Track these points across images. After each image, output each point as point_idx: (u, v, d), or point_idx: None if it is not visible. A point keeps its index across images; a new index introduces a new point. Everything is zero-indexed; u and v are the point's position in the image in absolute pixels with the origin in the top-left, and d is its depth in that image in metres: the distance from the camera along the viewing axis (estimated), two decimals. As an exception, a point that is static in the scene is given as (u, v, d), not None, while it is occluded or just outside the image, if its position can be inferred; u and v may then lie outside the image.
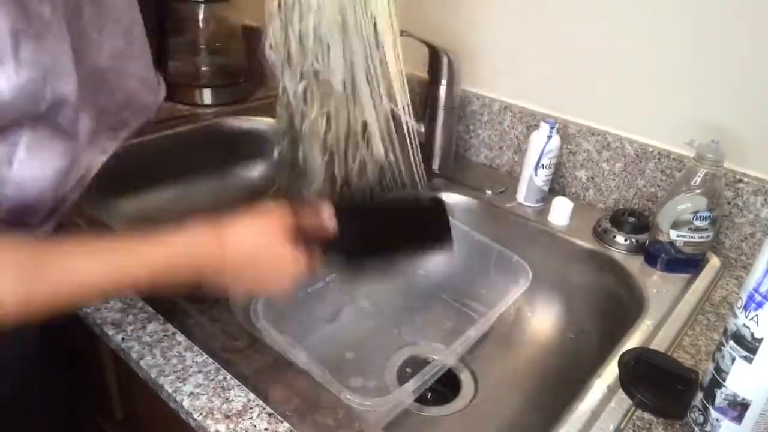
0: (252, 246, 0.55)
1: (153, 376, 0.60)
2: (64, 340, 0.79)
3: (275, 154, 0.70)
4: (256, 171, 1.22)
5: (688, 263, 0.81)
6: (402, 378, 0.81)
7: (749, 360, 0.49)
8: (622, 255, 0.84)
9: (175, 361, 0.62)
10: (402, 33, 0.92)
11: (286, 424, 0.56)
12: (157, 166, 1.09)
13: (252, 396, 0.58)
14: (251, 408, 0.57)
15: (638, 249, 0.84)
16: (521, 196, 0.95)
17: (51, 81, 0.47)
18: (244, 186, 1.21)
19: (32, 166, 0.51)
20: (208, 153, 1.18)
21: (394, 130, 0.66)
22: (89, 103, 0.52)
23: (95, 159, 0.60)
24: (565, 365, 0.83)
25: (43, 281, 0.46)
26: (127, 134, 0.63)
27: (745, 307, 0.49)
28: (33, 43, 0.44)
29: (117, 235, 0.52)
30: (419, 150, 0.70)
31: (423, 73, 1.01)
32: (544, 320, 0.90)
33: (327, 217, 0.57)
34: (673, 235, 0.78)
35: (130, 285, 0.52)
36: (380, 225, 0.59)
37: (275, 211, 0.56)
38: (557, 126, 0.90)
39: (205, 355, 0.63)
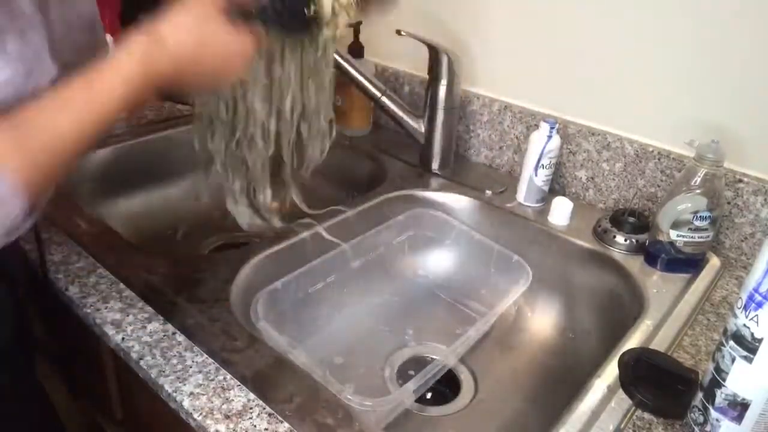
0: (192, 34, 0.53)
1: (153, 376, 0.60)
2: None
3: None
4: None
5: (688, 263, 0.81)
6: (402, 378, 0.81)
7: (749, 360, 0.49)
8: (622, 255, 0.84)
9: (175, 361, 0.62)
10: (402, 33, 0.93)
11: (286, 424, 0.56)
12: (157, 166, 1.09)
13: (252, 396, 0.58)
14: (251, 408, 0.57)
15: (638, 249, 0.84)
16: (521, 196, 0.95)
17: (34, 75, 0.47)
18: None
19: None
20: (208, 153, 1.18)
21: None
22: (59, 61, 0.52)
23: None
24: (565, 365, 0.83)
25: (36, 147, 0.46)
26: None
27: (745, 307, 0.49)
28: (18, 38, 0.44)
29: (74, 81, 0.49)
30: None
31: (423, 73, 1.01)
32: (544, 320, 0.90)
33: None
34: (673, 235, 0.78)
35: (107, 120, 0.50)
36: None
37: None
38: (557, 126, 0.90)
39: (205, 355, 0.63)
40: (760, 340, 0.48)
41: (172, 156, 1.10)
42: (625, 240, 0.84)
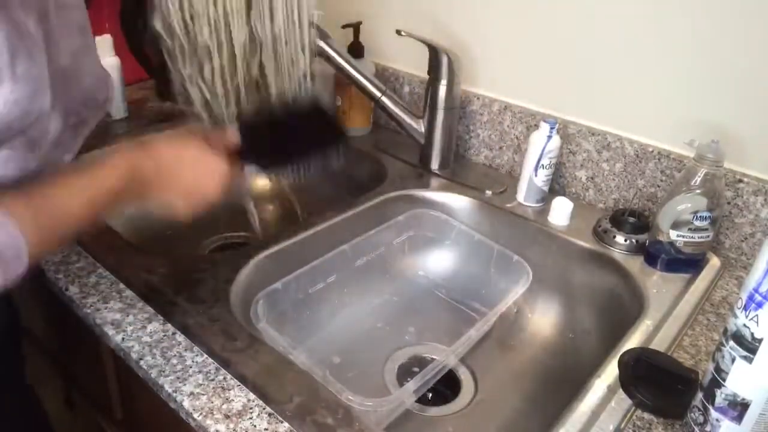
0: (176, 149, 0.61)
1: (153, 376, 0.60)
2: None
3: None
4: (255, 171, 1.22)
5: (688, 263, 0.81)
6: (402, 378, 0.81)
7: (749, 360, 0.49)
8: (622, 255, 0.84)
9: (175, 361, 0.62)
10: (402, 33, 0.93)
11: (286, 424, 0.56)
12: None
13: (252, 396, 0.58)
14: (251, 408, 0.57)
15: (638, 249, 0.84)
16: (521, 196, 0.95)
17: (38, 95, 0.48)
18: (244, 186, 1.21)
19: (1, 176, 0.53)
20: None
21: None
22: (57, 103, 0.54)
23: (61, 159, 0.62)
24: (565, 365, 0.83)
25: (45, 225, 0.50)
26: (87, 132, 0.66)
27: (745, 307, 0.49)
28: (26, 59, 0.45)
29: (83, 172, 0.55)
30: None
31: (423, 73, 1.01)
32: (544, 320, 0.90)
33: (230, 134, 0.65)
34: (673, 235, 0.78)
35: (104, 208, 0.56)
36: (275, 131, 0.68)
37: (189, 128, 0.65)
38: (557, 126, 0.90)
39: (205, 355, 0.63)
40: (760, 340, 0.48)
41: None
42: (625, 240, 0.84)
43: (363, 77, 0.99)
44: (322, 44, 0.93)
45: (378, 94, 1.00)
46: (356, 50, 1.11)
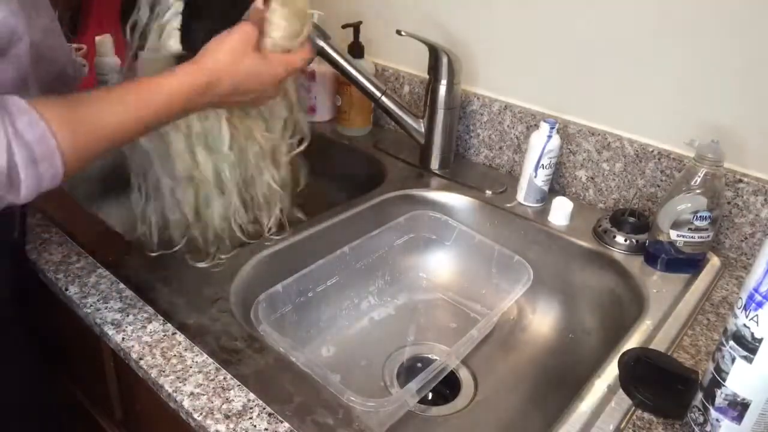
0: (227, 54, 0.63)
1: (153, 376, 0.60)
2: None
3: None
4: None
5: (688, 263, 0.81)
6: (404, 379, 0.81)
7: (749, 360, 0.49)
8: (622, 255, 0.84)
9: (175, 361, 0.62)
10: (402, 33, 0.93)
11: (286, 424, 0.56)
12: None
13: (252, 396, 0.58)
14: (251, 408, 0.57)
15: (638, 249, 0.84)
16: (521, 196, 0.95)
17: (21, 24, 0.53)
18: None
19: None
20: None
21: None
22: (32, 76, 0.57)
23: None
24: (565, 365, 0.83)
25: (86, 130, 0.53)
26: None
27: (745, 307, 0.49)
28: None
29: (128, 85, 0.59)
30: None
31: (423, 73, 1.01)
32: (544, 320, 0.90)
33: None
34: (673, 235, 0.78)
35: (150, 121, 0.59)
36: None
37: (236, 29, 0.65)
38: (557, 126, 0.90)
39: (205, 355, 0.63)
40: (760, 340, 0.48)
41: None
42: (625, 240, 0.84)
43: (363, 77, 0.99)
44: (322, 44, 0.93)
45: (378, 94, 1.00)
46: (356, 50, 1.11)
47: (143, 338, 0.64)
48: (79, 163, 0.53)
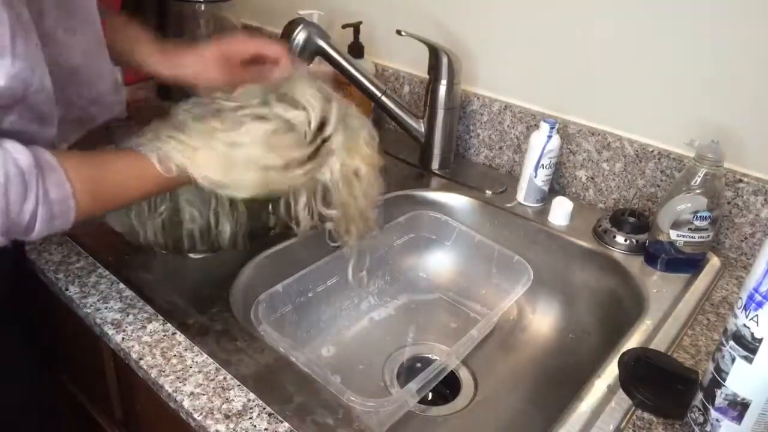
0: None
1: (153, 376, 0.60)
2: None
3: None
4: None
5: (688, 263, 0.81)
6: (403, 379, 0.81)
7: (749, 360, 0.49)
8: (622, 255, 0.84)
9: (175, 361, 0.62)
10: (402, 33, 0.93)
11: (286, 424, 0.56)
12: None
13: (252, 396, 0.58)
14: (251, 408, 0.57)
15: (638, 249, 0.84)
16: (521, 196, 0.95)
17: (37, 71, 0.53)
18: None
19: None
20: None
21: None
22: (60, 94, 0.58)
23: (58, 146, 0.64)
24: (565, 365, 0.83)
25: (104, 198, 0.57)
26: (92, 127, 0.69)
27: (745, 307, 0.49)
28: (23, 40, 0.50)
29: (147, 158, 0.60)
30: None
31: (423, 73, 1.01)
32: (544, 320, 0.90)
33: None
34: (673, 235, 0.78)
35: (154, 192, 0.63)
36: None
37: None
38: (557, 126, 0.90)
39: (205, 355, 0.63)
40: (760, 340, 0.48)
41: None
42: (625, 240, 0.84)
43: (363, 77, 0.99)
44: (322, 44, 0.93)
45: (378, 93, 1.00)
46: (356, 50, 1.11)
47: (143, 338, 0.64)
48: (85, 219, 0.56)
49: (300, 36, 0.90)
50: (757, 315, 0.48)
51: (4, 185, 0.49)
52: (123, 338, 0.64)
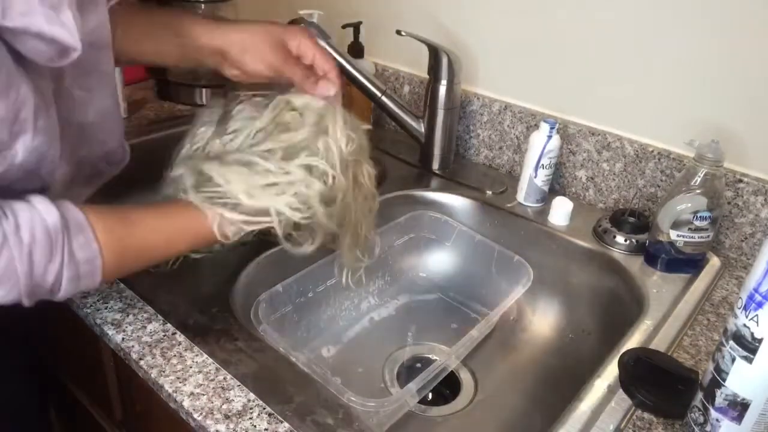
0: None
1: (153, 376, 0.60)
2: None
3: None
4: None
5: (688, 263, 0.81)
6: (403, 379, 0.81)
7: (749, 360, 0.49)
8: (622, 255, 0.84)
9: (175, 361, 0.62)
10: (402, 33, 0.93)
11: (286, 424, 0.56)
12: (157, 166, 1.09)
13: (252, 396, 0.58)
14: (251, 408, 0.57)
15: (638, 249, 0.84)
16: (521, 196, 0.95)
17: (53, 144, 0.52)
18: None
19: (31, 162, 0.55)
20: (208, 153, 1.18)
21: None
22: (69, 154, 0.57)
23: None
24: (565, 365, 0.83)
25: (131, 257, 0.57)
26: (100, 183, 0.68)
27: (745, 307, 0.49)
28: (44, 114, 0.50)
29: (180, 217, 0.60)
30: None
31: (423, 73, 1.01)
32: (544, 320, 0.90)
33: None
34: (673, 235, 0.78)
35: (181, 252, 0.63)
36: None
37: None
38: (557, 126, 0.90)
39: (205, 355, 0.63)
40: (760, 340, 0.48)
41: (172, 156, 1.10)
42: (625, 240, 0.84)
43: (363, 77, 0.99)
44: (322, 44, 0.93)
45: (378, 93, 1.00)
46: (356, 50, 1.11)
47: (143, 338, 0.64)
48: (111, 279, 0.57)
49: None
50: (757, 315, 0.48)
51: (29, 246, 0.48)
52: (123, 338, 0.64)
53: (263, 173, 0.61)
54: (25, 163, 0.50)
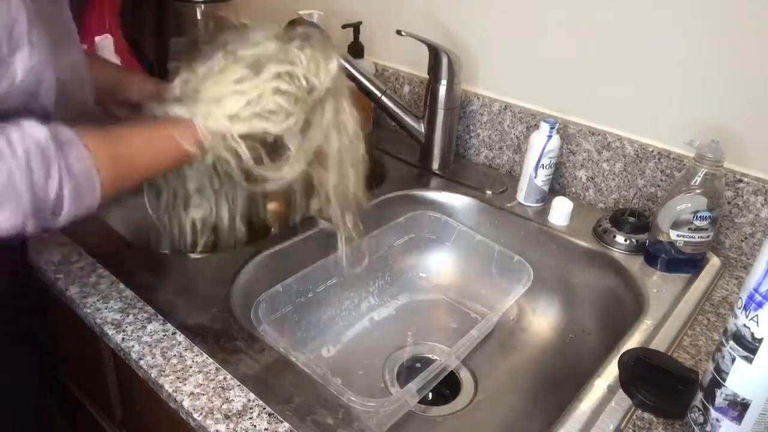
0: None
1: (153, 376, 0.60)
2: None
3: None
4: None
5: (688, 263, 0.81)
6: (403, 379, 0.81)
7: (749, 360, 0.49)
8: (622, 255, 0.84)
9: (175, 361, 0.62)
10: (402, 33, 0.93)
11: (286, 424, 0.56)
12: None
13: (252, 396, 0.58)
14: (251, 408, 0.57)
15: (638, 249, 0.84)
16: (521, 196, 0.95)
17: (48, 65, 0.53)
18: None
19: None
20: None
21: None
22: (58, 110, 0.58)
23: None
24: (565, 365, 0.83)
25: (125, 166, 0.57)
26: None
27: (745, 307, 0.49)
28: (37, 29, 0.51)
29: (161, 129, 0.63)
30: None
31: (423, 73, 1.01)
32: (544, 320, 0.90)
33: None
34: (673, 235, 0.78)
35: (167, 167, 0.65)
36: None
37: None
38: (557, 126, 0.90)
39: (205, 355, 0.63)
40: (760, 340, 0.48)
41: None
42: (625, 240, 0.84)
43: (363, 77, 0.99)
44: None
45: (378, 94, 1.00)
46: (356, 50, 1.11)
47: (143, 338, 0.64)
48: (110, 196, 0.55)
49: None
50: (757, 315, 0.48)
51: (25, 158, 0.48)
52: (123, 338, 0.64)
53: (236, 82, 0.64)
54: (25, 84, 0.51)
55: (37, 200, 0.49)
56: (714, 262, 0.84)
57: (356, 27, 1.10)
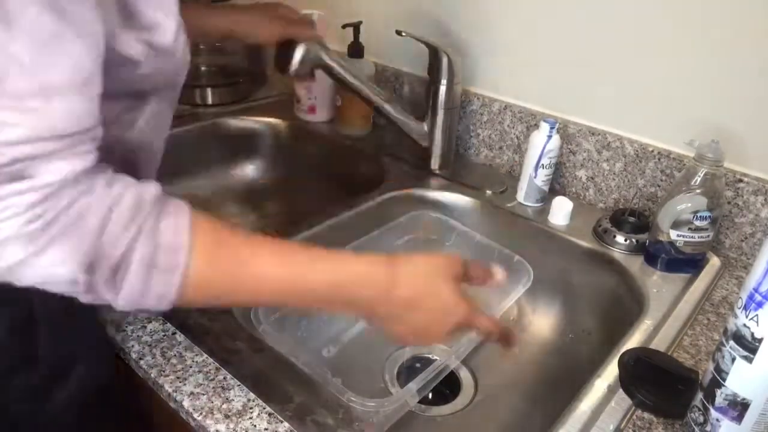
0: (422, 287, 0.53)
1: (153, 376, 0.60)
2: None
3: None
4: (255, 170, 1.22)
5: (688, 263, 0.81)
6: (403, 379, 0.81)
7: (749, 360, 0.49)
8: (622, 255, 0.84)
9: (175, 361, 0.62)
10: (402, 33, 0.93)
11: (286, 424, 0.56)
12: (161, 166, 1.09)
13: (252, 396, 0.58)
14: (251, 408, 0.57)
15: (638, 249, 0.84)
16: (521, 195, 0.95)
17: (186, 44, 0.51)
18: (244, 186, 1.21)
19: (146, 133, 0.55)
20: (208, 152, 1.18)
21: None
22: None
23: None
24: (565, 365, 0.83)
25: (224, 271, 0.45)
26: None
27: (745, 307, 0.49)
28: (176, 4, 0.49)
29: (300, 245, 0.52)
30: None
31: (423, 73, 1.01)
32: (544, 320, 0.90)
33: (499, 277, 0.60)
34: (673, 235, 0.78)
35: (303, 296, 0.50)
36: None
37: (449, 257, 0.56)
38: (557, 126, 0.90)
39: (205, 355, 0.63)
40: (760, 340, 0.48)
41: (171, 156, 1.10)
42: (625, 240, 0.84)
43: (362, 84, 0.97)
44: (322, 55, 0.92)
45: (378, 100, 0.99)
46: (356, 50, 1.11)
47: (143, 338, 0.64)
48: (189, 300, 0.45)
49: (299, 51, 0.89)
50: (757, 315, 0.48)
51: (111, 201, 0.40)
52: (123, 338, 0.64)
53: None
54: (172, 49, 0.49)
55: (99, 246, 0.40)
56: (714, 262, 0.84)
57: (356, 27, 1.10)
